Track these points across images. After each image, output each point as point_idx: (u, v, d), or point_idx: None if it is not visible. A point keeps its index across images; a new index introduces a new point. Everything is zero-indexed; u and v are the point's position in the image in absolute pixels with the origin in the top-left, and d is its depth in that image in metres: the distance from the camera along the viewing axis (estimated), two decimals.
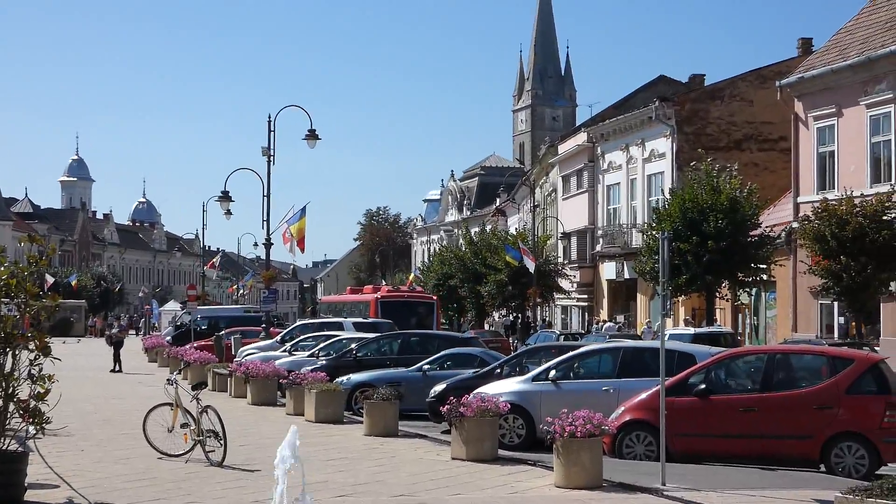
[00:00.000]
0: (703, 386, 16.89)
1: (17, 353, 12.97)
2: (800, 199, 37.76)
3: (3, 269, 13.27)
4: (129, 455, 17.00)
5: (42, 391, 12.96)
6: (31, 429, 13.26)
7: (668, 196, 40.10)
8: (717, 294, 38.76)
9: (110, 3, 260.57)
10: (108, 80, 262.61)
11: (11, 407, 12.89)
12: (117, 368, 40.44)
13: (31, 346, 13.09)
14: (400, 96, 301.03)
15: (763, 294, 42.24)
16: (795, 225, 36.51)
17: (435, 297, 53.51)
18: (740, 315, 44.24)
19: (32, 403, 12.93)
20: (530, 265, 52.43)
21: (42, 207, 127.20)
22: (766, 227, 38.14)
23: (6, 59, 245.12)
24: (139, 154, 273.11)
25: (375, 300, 46.94)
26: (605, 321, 53.18)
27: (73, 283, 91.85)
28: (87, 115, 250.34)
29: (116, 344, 41.91)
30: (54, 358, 13.08)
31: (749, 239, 36.77)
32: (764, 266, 37.22)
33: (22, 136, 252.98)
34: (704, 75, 59.02)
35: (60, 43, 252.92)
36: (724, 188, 36.98)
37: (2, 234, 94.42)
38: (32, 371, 12.98)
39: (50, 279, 73.97)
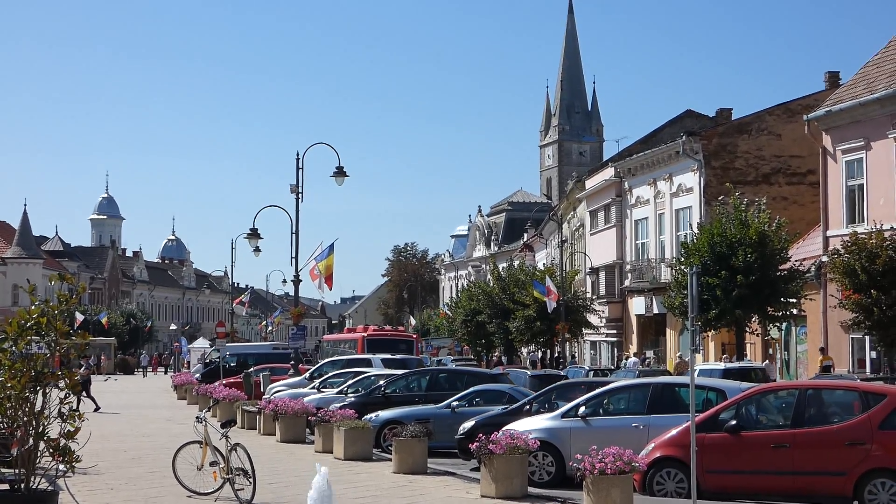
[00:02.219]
0: (733, 422, 16.75)
1: (47, 391, 13.02)
2: (829, 233, 37.59)
3: (33, 307, 13.34)
4: (158, 493, 17.00)
5: (72, 429, 12.99)
6: (61, 467, 13.28)
7: (696, 230, 39.98)
8: (747, 329, 38.52)
9: (140, 44, 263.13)
10: (137, 118, 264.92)
11: (42, 445, 12.92)
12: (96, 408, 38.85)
13: (62, 384, 13.14)
14: (427, 132, 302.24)
15: (793, 328, 41.96)
16: (825, 259, 36.32)
17: (415, 336, 61.42)
18: (771, 350, 43.94)
19: (62, 442, 12.95)
20: (550, 305, 52.51)
21: (72, 245, 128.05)
22: (796, 261, 37.93)
23: (37, 98, 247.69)
24: (168, 192, 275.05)
25: (362, 338, 51.75)
26: (627, 356, 52.96)
27: (103, 320, 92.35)
28: (116, 154, 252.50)
29: (84, 384, 37.45)
30: (85, 396, 13.12)
31: (778, 273, 36.56)
32: (794, 300, 36.98)
33: (53, 175, 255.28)
34: (731, 109, 58.87)
35: (91, 82, 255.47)
36: (753, 222, 36.82)
37: (33, 272, 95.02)
38: (62, 409, 13.02)
39: (80, 317, 74.37)
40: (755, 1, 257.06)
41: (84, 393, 37.95)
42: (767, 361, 38.36)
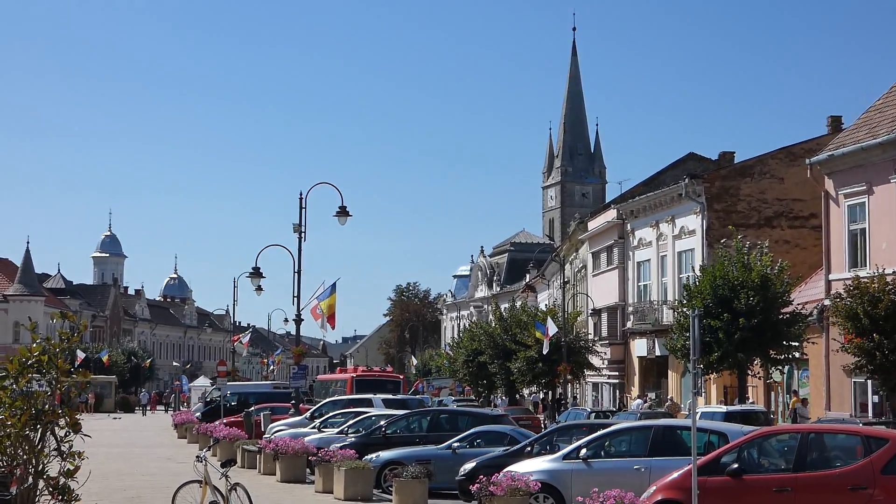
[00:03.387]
0: (735, 465, 16.66)
1: (47, 429, 12.99)
2: (831, 277, 37.59)
3: (35, 345, 13.34)
4: None
5: (72, 468, 12.96)
6: None
7: (698, 273, 40.00)
8: (749, 372, 38.45)
9: (143, 81, 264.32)
10: (140, 157, 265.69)
11: (41, 484, 12.88)
12: None
13: (62, 422, 13.11)
14: (430, 172, 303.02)
15: (796, 372, 41.89)
16: (827, 302, 36.30)
17: (401, 377, 63.17)
18: (773, 393, 43.84)
19: (62, 480, 12.92)
20: (545, 347, 52.59)
21: (74, 283, 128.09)
22: (798, 304, 37.91)
23: (40, 135, 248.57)
24: (171, 230, 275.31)
25: (352, 378, 53.08)
26: (632, 398, 52.85)
27: (104, 358, 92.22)
28: (119, 192, 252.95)
29: None
30: (84, 434, 13.10)
31: (781, 316, 36.53)
32: (796, 343, 36.95)
33: (55, 212, 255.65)
34: (734, 152, 59.10)
35: (93, 120, 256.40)
36: (755, 265, 36.84)
37: (34, 309, 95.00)
38: (62, 448, 12.99)
39: (81, 355, 74.22)
40: (758, 45, 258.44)
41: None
42: (800, 405, 37.77)
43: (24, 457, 12.81)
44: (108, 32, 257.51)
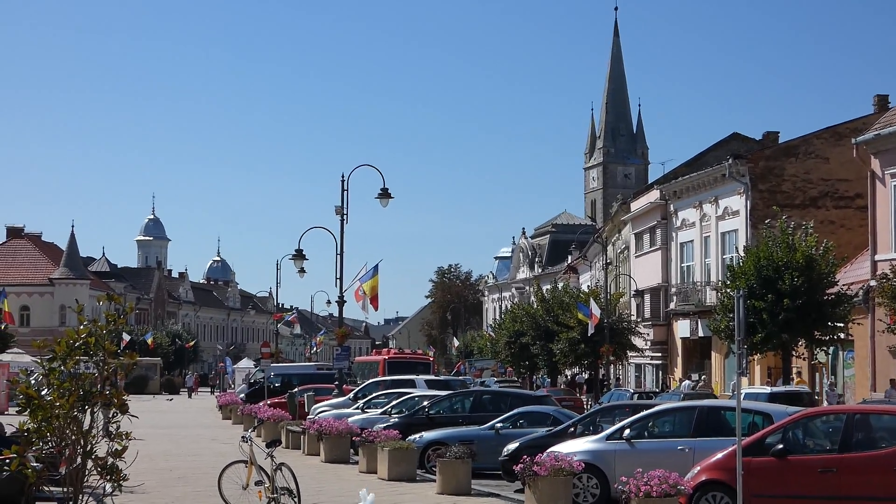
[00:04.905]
0: (780, 446, 16.61)
1: (95, 410, 13.14)
2: (877, 258, 37.27)
3: (82, 327, 13.48)
4: None
5: (119, 448, 13.10)
6: (109, 486, 13.39)
7: (742, 254, 39.76)
8: (794, 353, 38.23)
9: (184, 66, 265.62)
10: (183, 141, 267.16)
11: (89, 464, 13.04)
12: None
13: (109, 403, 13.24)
14: (471, 154, 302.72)
15: (841, 353, 41.60)
16: (873, 283, 36.03)
17: (431, 358, 67.44)
18: (817, 374, 43.57)
19: (110, 461, 13.06)
20: (591, 328, 52.49)
21: (119, 266, 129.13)
22: (843, 285, 37.61)
23: (84, 120, 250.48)
24: (214, 213, 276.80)
25: (384, 360, 54.73)
26: (682, 380, 52.69)
27: (149, 341, 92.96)
28: (163, 176, 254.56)
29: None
30: (131, 415, 13.24)
31: (826, 297, 36.27)
32: (841, 324, 36.67)
33: (100, 197, 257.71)
34: (779, 133, 58.58)
35: (137, 104, 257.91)
36: (800, 246, 36.57)
37: (80, 292, 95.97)
38: (110, 428, 13.13)
39: (126, 337, 74.85)
40: (804, 23, 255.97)
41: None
42: (890, 387, 36.96)
43: (73, 437, 12.97)
44: (146, 14, 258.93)
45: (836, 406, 31.50)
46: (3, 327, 62.96)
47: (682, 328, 56.44)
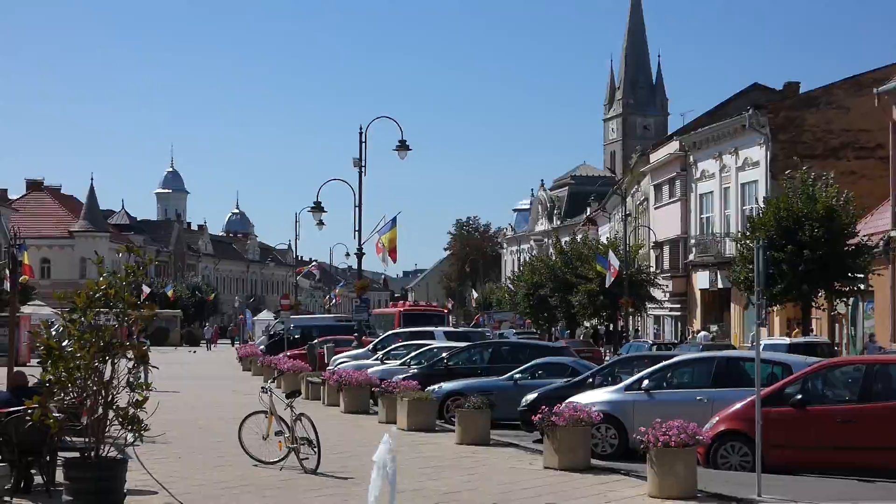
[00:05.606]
0: (799, 396, 16.61)
1: (115, 361, 13.21)
2: None
3: (101, 279, 13.52)
4: (225, 462, 17.22)
5: (140, 399, 13.18)
6: (130, 436, 13.49)
7: (762, 205, 39.58)
8: (813, 304, 38.14)
9: (204, 20, 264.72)
10: (201, 94, 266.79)
11: (111, 415, 13.12)
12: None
13: (130, 354, 13.32)
14: (490, 105, 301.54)
15: (861, 304, 41.47)
16: (894, 234, 35.83)
17: (445, 310, 67.87)
18: (837, 325, 43.47)
19: (131, 411, 13.14)
20: (609, 279, 52.42)
21: (138, 219, 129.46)
22: (864, 236, 37.42)
23: (103, 74, 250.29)
24: (232, 166, 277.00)
25: (399, 312, 54.89)
26: (697, 331, 52.68)
27: (169, 293, 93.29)
28: (181, 129, 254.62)
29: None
30: (152, 366, 13.32)
31: (846, 248, 36.12)
32: (861, 275, 36.53)
33: (118, 150, 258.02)
34: (799, 83, 58.14)
35: (155, 57, 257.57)
36: (820, 197, 36.38)
37: (100, 245, 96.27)
38: (130, 379, 13.21)
39: (146, 289, 75.16)
40: None
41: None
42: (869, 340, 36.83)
43: (94, 388, 13.05)
44: None
45: (856, 356, 31.44)
46: (23, 280, 63.22)
47: (701, 280, 56.37)
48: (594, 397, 19.57)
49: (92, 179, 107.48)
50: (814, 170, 39.04)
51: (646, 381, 19.39)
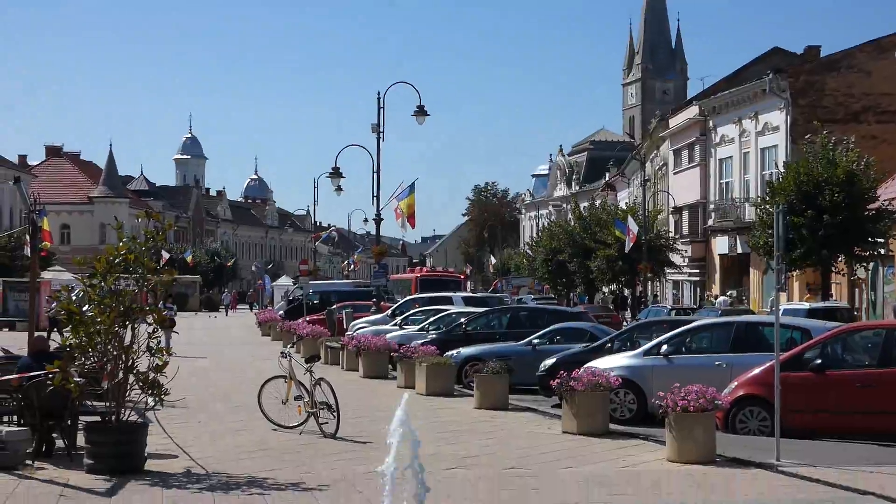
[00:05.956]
0: (818, 361, 16.57)
1: (135, 326, 13.28)
2: None
3: (121, 244, 13.56)
4: (244, 426, 17.31)
5: (160, 363, 13.25)
6: (151, 400, 13.58)
7: (782, 169, 39.39)
8: (833, 269, 38.01)
9: None
10: (220, 59, 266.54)
11: (131, 379, 13.20)
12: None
13: (150, 319, 13.38)
14: (509, 71, 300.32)
15: (881, 268, 41.31)
16: None
17: (463, 276, 69.03)
18: (857, 290, 43.33)
19: (151, 375, 13.22)
20: (628, 245, 52.33)
21: (157, 185, 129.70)
22: (884, 200, 37.23)
23: (122, 39, 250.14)
24: (251, 132, 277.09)
25: (416, 278, 55.80)
26: (716, 296, 52.59)
27: (189, 258, 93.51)
28: (200, 94, 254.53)
29: (52, 322, 33.56)
30: (174, 332, 13.37)
31: (866, 213, 35.95)
32: (881, 240, 36.38)
33: (138, 116, 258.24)
34: (820, 47, 57.61)
35: (174, 22, 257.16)
36: (841, 161, 36.18)
37: (119, 210, 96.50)
38: (151, 344, 13.28)
39: (166, 255, 75.42)
40: None
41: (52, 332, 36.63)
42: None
43: (114, 353, 13.12)
44: None
45: (875, 321, 31.36)
46: (45, 246, 63.48)
47: (720, 245, 56.21)
48: (613, 362, 19.56)
49: (111, 145, 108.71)
50: (834, 134, 38.81)
51: (665, 346, 19.36)
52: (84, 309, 13.14)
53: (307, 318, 41.86)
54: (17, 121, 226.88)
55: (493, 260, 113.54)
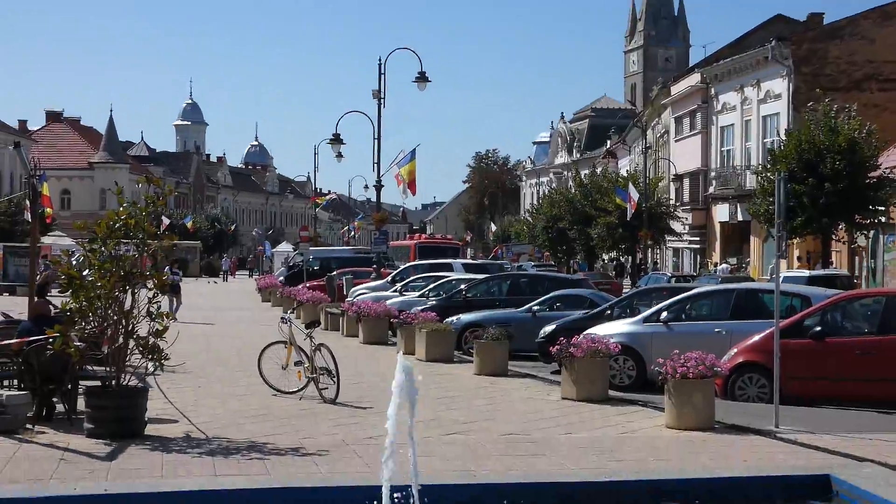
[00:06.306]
0: (818, 328, 16.58)
1: (136, 291, 13.27)
2: None
3: (121, 209, 13.55)
4: (244, 392, 17.34)
5: (160, 328, 13.25)
6: (151, 365, 13.59)
7: (783, 137, 39.33)
8: (834, 237, 38.00)
9: None
10: (220, 26, 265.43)
11: (131, 343, 13.21)
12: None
13: (150, 284, 13.38)
14: (510, 38, 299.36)
15: (881, 236, 41.30)
16: None
17: (461, 243, 68.84)
18: (857, 258, 43.34)
19: (151, 340, 13.23)
20: (630, 212, 52.34)
21: (157, 151, 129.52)
22: (886, 168, 37.18)
23: (123, 5, 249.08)
24: (251, 98, 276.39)
25: (415, 245, 55.85)
26: (717, 263, 52.63)
27: (189, 224, 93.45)
28: (200, 61, 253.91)
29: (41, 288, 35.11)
30: (179, 299, 13.37)
31: (867, 181, 35.92)
32: (882, 208, 36.36)
33: (138, 82, 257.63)
34: (823, 14, 57.57)
35: None
36: (843, 129, 36.12)
37: (119, 176, 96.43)
38: (151, 309, 13.28)
39: (166, 221, 75.34)
40: None
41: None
42: None
43: (115, 317, 13.13)
44: None
45: (875, 289, 31.37)
46: (49, 213, 63.43)
47: (720, 212, 56.20)
48: (612, 329, 19.57)
49: (111, 111, 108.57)
50: (836, 102, 38.73)
51: (664, 313, 19.35)
52: (84, 273, 13.14)
53: (307, 285, 41.89)
54: (17, 86, 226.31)
55: (493, 227, 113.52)
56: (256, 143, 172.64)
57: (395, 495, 8.15)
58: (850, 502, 9.83)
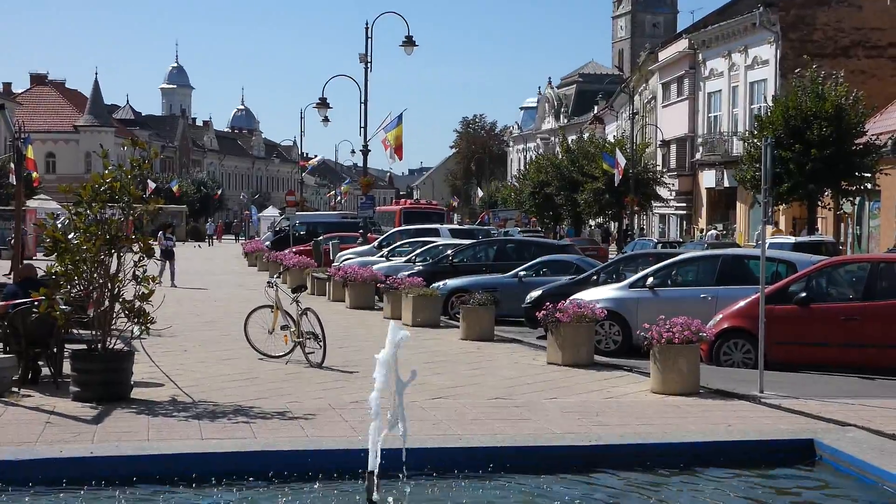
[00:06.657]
0: (803, 294, 16.63)
1: (121, 254, 13.24)
2: None
3: (107, 172, 13.49)
4: (231, 356, 17.34)
5: (146, 292, 13.23)
6: (136, 329, 13.58)
7: (770, 103, 39.35)
8: (820, 203, 38.10)
9: None
10: None
11: (117, 307, 13.19)
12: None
13: (135, 247, 13.35)
14: (498, 3, 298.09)
15: (867, 203, 41.42)
16: None
17: (445, 209, 70.02)
18: (843, 224, 43.47)
19: (137, 304, 13.21)
20: (617, 178, 52.40)
21: (143, 114, 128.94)
22: (872, 135, 37.25)
23: None
24: (237, 61, 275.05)
25: (400, 210, 56.35)
26: (704, 230, 52.75)
27: (175, 188, 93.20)
28: (186, 23, 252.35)
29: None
30: (157, 259, 13.33)
31: (854, 147, 35.98)
32: (868, 175, 36.45)
33: (123, 44, 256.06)
34: None
35: None
36: (830, 95, 36.15)
37: (105, 139, 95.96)
38: (137, 272, 13.26)
39: (152, 184, 75.14)
40: None
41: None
42: None
43: (100, 281, 13.10)
44: None
45: (860, 255, 31.48)
46: (36, 177, 63.18)
47: (707, 178, 56.28)
48: (598, 294, 19.60)
49: (96, 74, 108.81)
50: (823, 69, 38.76)
51: (650, 279, 19.38)
52: (70, 237, 13.10)
53: (294, 249, 41.86)
54: (1, 48, 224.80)
55: (480, 192, 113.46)
56: (243, 107, 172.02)
57: (381, 461, 8.20)
58: (833, 466, 9.90)
